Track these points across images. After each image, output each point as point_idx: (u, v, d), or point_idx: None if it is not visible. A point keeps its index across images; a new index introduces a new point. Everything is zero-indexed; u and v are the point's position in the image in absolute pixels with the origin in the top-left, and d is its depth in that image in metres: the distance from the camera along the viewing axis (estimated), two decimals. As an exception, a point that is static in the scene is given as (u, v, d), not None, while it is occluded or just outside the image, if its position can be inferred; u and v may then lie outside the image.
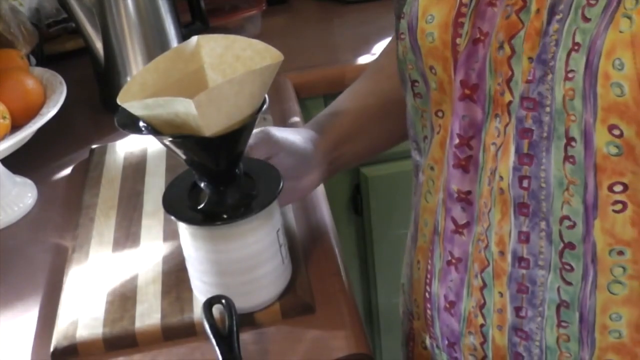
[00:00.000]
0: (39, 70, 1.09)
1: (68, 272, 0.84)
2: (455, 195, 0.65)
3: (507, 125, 0.59)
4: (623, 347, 0.58)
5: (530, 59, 0.55)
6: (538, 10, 0.55)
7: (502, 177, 0.59)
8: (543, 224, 0.58)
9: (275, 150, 0.78)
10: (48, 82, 1.06)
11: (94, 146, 1.11)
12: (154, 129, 0.65)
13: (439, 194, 0.67)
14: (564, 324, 0.60)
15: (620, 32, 0.48)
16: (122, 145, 1.09)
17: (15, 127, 0.97)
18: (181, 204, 0.71)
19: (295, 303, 0.76)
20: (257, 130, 0.80)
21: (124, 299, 0.78)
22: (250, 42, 0.68)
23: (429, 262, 0.71)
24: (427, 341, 0.75)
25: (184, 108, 0.61)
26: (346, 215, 1.42)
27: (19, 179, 1.05)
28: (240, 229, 0.70)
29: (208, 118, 0.62)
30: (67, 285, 0.82)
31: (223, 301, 0.71)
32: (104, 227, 0.91)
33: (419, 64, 0.66)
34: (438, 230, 0.68)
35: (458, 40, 0.61)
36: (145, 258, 0.84)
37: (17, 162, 1.04)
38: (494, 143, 0.60)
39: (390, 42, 0.88)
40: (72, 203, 0.99)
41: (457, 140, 0.63)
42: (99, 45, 1.22)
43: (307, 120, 0.89)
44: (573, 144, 0.54)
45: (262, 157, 0.77)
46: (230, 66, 0.69)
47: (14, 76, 1.02)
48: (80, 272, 0.84)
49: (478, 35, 0.60)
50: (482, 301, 0.65)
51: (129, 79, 0.79)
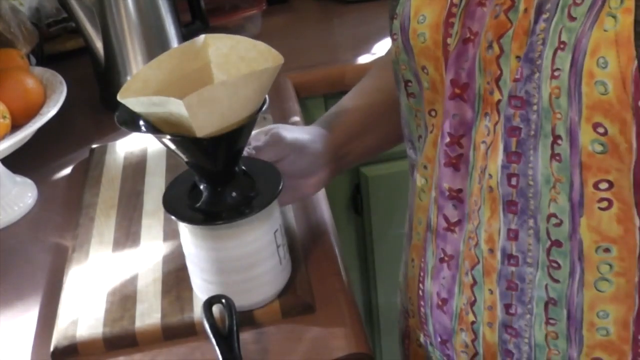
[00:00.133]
0: (39, 70, 1.09)
1: (68, 271, 0.84)
2: (447, 193, 0.65)
3: (496, 123, 0.59)
4: (611, 345, 0.59)
5: (518, 57, 0.56)
6: (526, 10, 0.55)
7: (491, 175, 0.60)
8: (531, 222, 0.59)
9: (285, 153, 0.78)
10: (48, 82, 1.06)
11: (94, 146, 1.11)
12: (153, 127, 0.65)
13: (432, 192, 0.68)
14: (552, 321, 0.61)
15: (605, 30, 0.49)
16: (122, 144, 1.09)
17: (16, 126, 0.97)
18: (181, 203, 0.71)
19: (295, 303, 0.76)
20: (265, 129, 0.81)
21: (124, 299, 0.78)
22: (254, 43, 0.68)
23: (422, 259, 0.71)
24: (422, 338, 0.76)
25: (175, 108, 0.61)
26: (346, 215, 1.42)
27: (19, 178, 1.05)
28: (239, 228, 0.70)
29: (200, 119, 0.62)
30: (67, 285, 0.82)
31: (223, 301, 0.71)
32: (104, 226, 0.91)
33: (411, 64, 0.66)
34: (431, 228, 0.69)
35: (449, 40, 0.62)
36: (146, 258, 0.84)
37: (17, 161, 1.04)
38: (484, 141, 0.61)
39: None
40: (72, 203, 0.99)
41: (447, 139, 0.64)
42: (99, 44, 1.22)
43: (307, 120, 0.90)
44: (559, 142, 0.54)
45: (272, 159, 0.77)
46: (235, 66, 0.69)
47: (14, 76, 1.02)
48: (81, 272, 0.84)
49: (468, 35, 0.60)
50: (473, 298, 0.65)
51: (129, 78, 0.79)
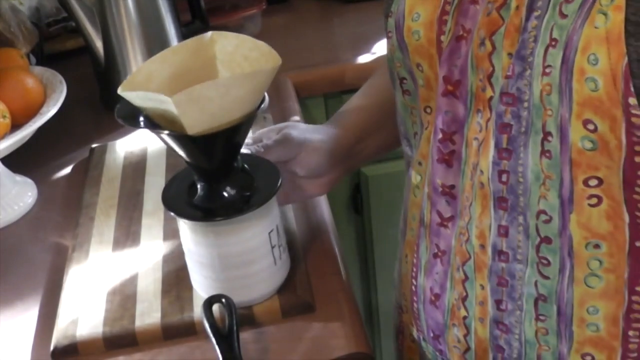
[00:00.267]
0: (39, 70, 1.09)
1: (68, 271, 0.84)
2: (440, 189, 0.66)
3: (488, 120, 0.59)
4: (600, 341, 0.59)
5: (510, 54, 0.56)
6: (517, 7, 0.55)
7: (482, 172, 0.60)
8: (521, 219, 0.59)
9: (294, 153, 0.79)
10: (48, 81, 1.06)
11: (94, 145, 1.11)
12: (153, 123, 0.66)
13: (425, 188, 0.68)
14: (542, 317, 0.61)
15: (596, 27, 0.49)
16: (122, 144, 1.09)
17: (15, 126, 0.97)
18: (180, 200, 0.72)
19: (295, 302, 0.76)
20: (277, 127, 0.82)
21: (124, 298, 0.78)
22: (257, 44, 0.68)
23: (415, 255, 0.72)
24: (415, 334, 0.76)
25: (166, 105, 0.61)
26: (346, 214, 1.42)
27: (19, 178, 1.05)
28: (231, 226, 0.70)
29: (190, 117, 0.62)
30: (67, 285, 0.82)
31: (223, 300, 0.71)
32: (104, 226, 0.91)
33: (406, 62, 0.67)
34: (424, 224, 0.69)
35: (442, 38, 0.62)
36: (146, 257, 0.84)
37: (17, 161, 1.04)
38: (476, 138, 0.61)
39: None
40: (72, 202, 0.99)
41: (440, 135, 0.64)
42: (99, 44, 1.22)
43: (307, 120, 0.90)
44: (549, 138, 0.54)
45: (280, 159, 0.77)
46: (239, 65, 0.69)
47: (14, 75, 1.02)
48: (81, 271, 0.84)
49: (461, 32, 0.60)
50: (465, 294, 0.66)
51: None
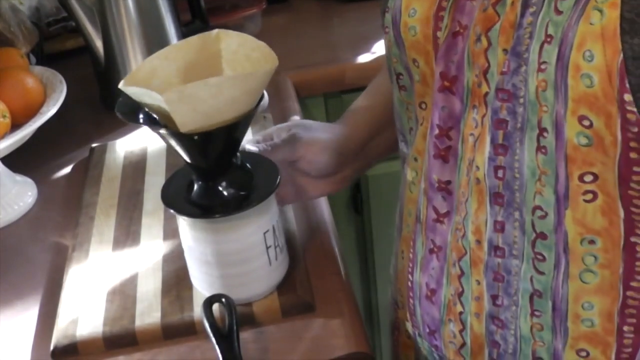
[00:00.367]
0: (39, 69, 1.09)
1: (68, 270, 0.84)
2: (436, 185, 0.66)
3: (484, 116, 0.59)
4: (595, 336, 0.59)
5: (505, 50, 0.56)
6: (512, 3, 0.56)
7: (478, 167, 0.60)
8: (517, 214, 0.59)
9: (301, 153, 0.79)
10: (48, 81, 1.06)
11: (94, 145, 1.11)
12: (152, 120, 0.66)
13: (421, 183, 0.69)
14: (537, 313, 0.61)
15: (591, 24, 0.49)
16: (122, 144, 1.09)
17: (15, 125, 0.97)
18: (179, 197, 0.72)
19: (295, 302, 0.76)
20: (287, 125, 0.82)
21: (124, 298, 0.78)
22: (258, 44, 0.69)
23: (411, 251, 0.72)
24: (410, 330, 0.76)
25: (158, 102, 0.62)
26: (346, 214, 1.42)
27: (19, 177, 1.05)
28: (226, 224, 0.71)
29: (182, 115, 0.63)
30: (67, 284, 0.82)
31: (223, 300, 0.71)
32: (104, 225, 0.91)
33: (402, 58, 0.67)
34: (420, 220, 0.69)
35: (439, 34, 0.62)
36: (146, 257, 0.84)
37: (17, 160, 1.04)
38: (471, 134, 0.61)
39: None
40: (72, 202, 0.99)
41: (436, 131, 0.64)
42: (99, 44, 1.22)
43: (307, 119, 0.90)
44: (545, 134, 0.54)
45: (288, 158, 0.78)
46: (241, 65, 0.69)
47: (14, 75, 1.02)
48: (81, 271, 0.84)
49: (457, 29, 0.61)
50: (461, 289, 0.66)
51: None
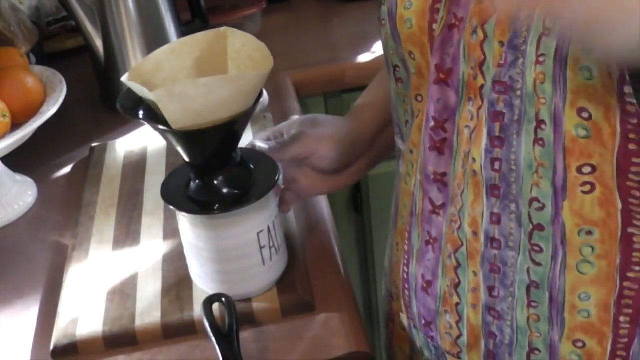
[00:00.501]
0: (39, 69, 1.09)
1: (68, 270, 0.84)
2: (432, 176, 0.66)
3: (480, 108, 0.60)
4: (592, 327, 0.60)
5: (501, 43, 0.56)
6: None
7: (474, 160, 0.60)
8: (513, 206, 0.59)
9: (312, 150, 0.79)
10: (48, 81, 1.06)
11: (94, 144, 1.10)
12: (152, 116, 0.66)
13: (417, 175, 0.69)
14: (534, 304, 0.61)
15: None
16: (122, 143, 1.09)
17: (16, 125, 0.97)
18: (178, 193, 0.72)
19: (295, 301, 0.76)
20: (298, 120, 0.82)
21: (124, 297, 0.78)
22: (259, 45, 0.69)
23: (407, 243, 0.72)
24: (405, 322, 0.76)
25: (149, 97, 0.62)
26: (346, 213, 1.42)
27: (19, 177, 1.05)
28: (219, 221, 0.71)
29: (173, 113, 0.63)
30: (67, 284, 0.82)
31: (223, 299, 0.71)
32: (104, 225, 0.91)
33: (399, 50, 0.67)
34: (416, 212, 0.70)
35: (434, 26, 0.63)
36: (146, 256, 0.84)
37: (17, 160, 1.04)
38: (467, 126, 0.61)
39: None
40: (72, 201, 0.99)
41: (432, 123, 0.64)
42: (99, 43, 1.22)
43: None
44: (543, 127, 0.55)
45: (298, 156, 0.78)
46: (244, 64, 0.70)
47: (14, 74, 1.02)
48: (81, 271, 0.84)
49: (453, 21, 0.61)
50: (457, 280, 0.66)
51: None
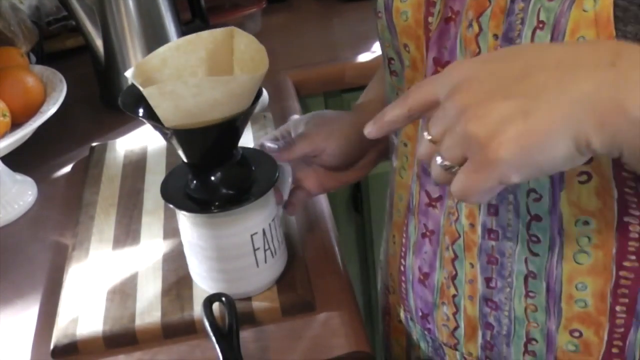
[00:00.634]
0: (39, 68, 1.09)
1: (68, 269, 0.84)
2: (432, 178, 0.66)
3: None
4: (588, 317, 0.60)
5: (495, 36, 0.57)
6: None
7: None
8: (511, 197, 0.60)
9: (322, 147, 0.79)
10: (48, 80, 1.06)
11: (94, 144, 1.10)
12: (152, 114, 0.66)
13: (413, 168, 0.69)
14: (531, 294, 0.62)
15: (584, 10, 0.50)
16: (122, 143, 1.09)
17: (16, 124, 0.97)
18: (178, 191, 0.72)
19: (295, 301, 0.76)
20: (305, 118, 0.82)
21: (124, 297, 0.78)
22: (260, 47, 0.69)
23: (404, 235, 0.73)
24: (402, 314, 0.77)
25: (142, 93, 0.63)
26: (346, 213, 1.42)
27: (19, 176, 1.05)
28: (213, 220, 0.71)
29: (164, 111, 0.64)
30: (67, 283, 0.82)
31: (223, 299, 0.71)
32: (104, 224, 0.91)
33: (394, 42, 0.67)
34: (412, 204, 0.70)
35: (430, 19, 0.63)
36: (146, 256, 0.84)
37: (17, 160, 1.04)
38: None
39: None
40: (72, 201, 0.99)
41: None
42: (99, 43, 1.22)
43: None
44: None
45: (308, 154, 0.78)
46: (247, 65, 0.70)
47: (14, 74, 1.02)
48: (81, 270, 0.84)
49: (449, 14, 0.61)
50: (454, 272, 0.67)
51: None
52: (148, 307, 0.76)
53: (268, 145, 0.78)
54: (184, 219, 0.73)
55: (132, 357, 0.74)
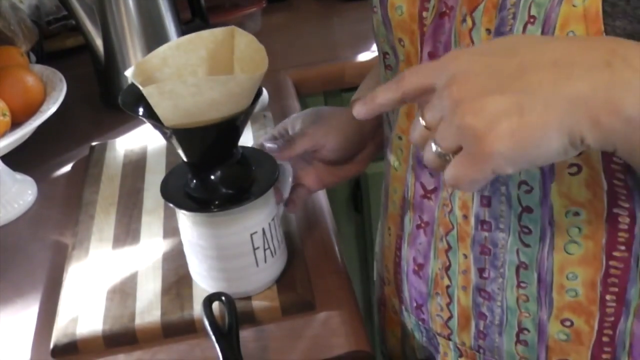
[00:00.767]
0: (39, 68, 1.09)
1: (68, 269, 0.84)
2: (423, 162, 0.67)
3: None
4: (579, 306, 0.61)
5: (488, 30, 0.57)
6: None
7: None
8: (503, 189, 0.61)
9: (321, 142, 0.79)
10: (48, 80, 1.06)
11: (94, 143, 1.11)
12: (151, 113, 0.66)
13: (408, 161, 0.70)
14: (523, 284, 0.63)
15: (574, 6, 0.51)
16: (122, 142, 1.09)
17: (15, 124, 0.97)
18: (178, 190, 0.73)
19: (295, 300, 0.76)
20: (301, 115, 0.82)
21: (123, 296, 0.78)
22: (259, 47, 0.69)
23: (400, 227, 0.73)
24: (397, 305, 0.78)
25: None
26: (346, 212, 1.42)
27: (19, 176, 1.05)
28: (211, 219, 0.71)
29: (164, 110, 0.64)
30: (67, 282, 0.82)
31: (223, 298, 0.71)
32: (104, 224, 0.91)
33: (389, 37, 0.68)
34: (408, 196, 0.71)
35: (424, 14, 0.63)
36: (145, 255, 0.84)
37: (17, 159, 1.04)
38: None
39: None
40: (72, 200, 0.99)
41: None
42: (99, 42, 1.22)
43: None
44: None
45: (308, 149, 0.79)
46: (247, 64, 0.70)
47: (14, 73, 1.02)
48: (80, 269, 0.84)
49: (444, 9, 0.62)
50: (448, 263, 0.68)
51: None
52: (148, 306, 0.76)
53: (268, 145, 0.79)
54: (184, 218, 0.73)
55: (132, 356, 0.74)
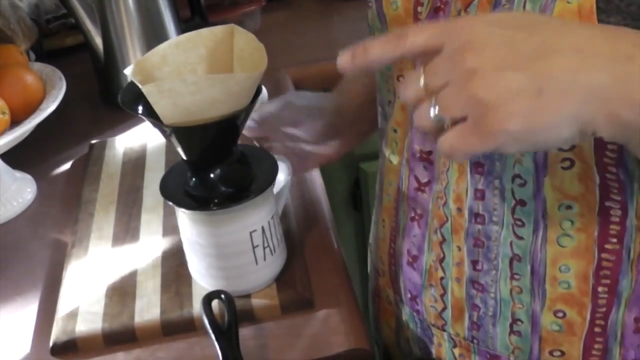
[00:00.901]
0: (38, 66, 1.09)
1: (67, 267, 0.84)
2: (418, 155, 0.68)
3: None
4: (572, 298, 0.62)
5: None
6: None
7: None
8: (497, 182, 0.61)
9: (300, 118, 0.81)
10: (47, 78, 1.06)
11: (93, 141, 1.10)
12: (151, 111, 0.66)
13: (403, 154, 0.70)
14: (516, 276, 0.64)
15: (568, 2, 0.52)
16: (121, 140, 1.09)
17: (15, 122, 0.97)
18: (177, 188, 0.73)
19: (294, 298, 0.76)
20: (279, 98, 0.83)
21: (123, 294, 0.78)
22: (259, 45, 0.69)
23: (394, 219, 0.74)
24: (391, 296, 0.78)
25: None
26: (345, 211, 1.42)
27: (19, 174, 1.05)
28: (210, 218, 0.71)
29: (163, 108, 0.64)
30: (66, 280, 0.82)
31: (222, 296, 0.71)
32: (104, 222, 0.91)
33: (384, 31, 0.68)
34: (402, 189, 0.71)
35: (419, 9, 0.64)
36: (145, 253, 0.84)
37: (16, 157, 1.04)
38: None
39: None
40: (72, 198, 0.99)
41: None
42: (98, 40, 1.22)
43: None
44: None
45: (288, 124, 0.80)
46: (246, 63, 0.70)
47: (14, 72, 1.02)
48: (80, 267, 0.84)
49: (439, 4, 0.62)
50: (442, 255, 0.68)
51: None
52: (147, 305, 0.77)
53: (248, 124, 0.79)
54: (183, 217, 0.73)
55: (131, 354, 0.74)
